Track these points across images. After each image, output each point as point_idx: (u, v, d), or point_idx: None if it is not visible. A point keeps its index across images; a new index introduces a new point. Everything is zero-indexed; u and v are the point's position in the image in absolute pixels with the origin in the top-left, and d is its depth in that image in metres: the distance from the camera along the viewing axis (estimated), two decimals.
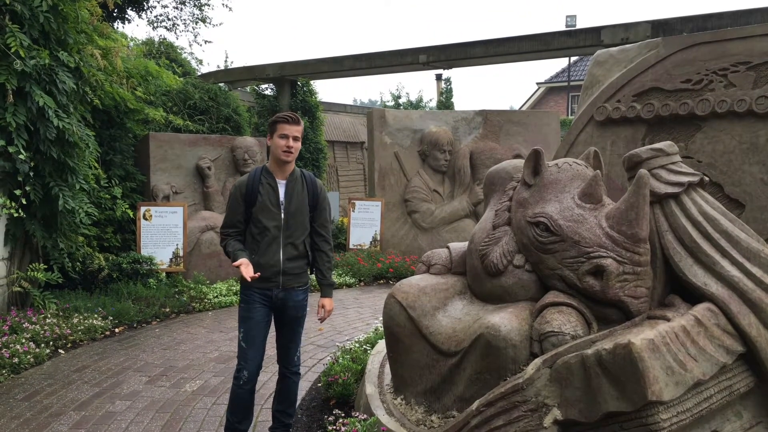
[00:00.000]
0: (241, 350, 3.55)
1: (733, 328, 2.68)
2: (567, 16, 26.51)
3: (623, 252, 2.78)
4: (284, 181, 3.59)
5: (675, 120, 3.83)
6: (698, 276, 2.81)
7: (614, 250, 2.79)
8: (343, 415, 3.79)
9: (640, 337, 2.49)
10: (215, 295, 7.99)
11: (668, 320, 2.71)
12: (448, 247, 3.76)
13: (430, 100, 26.43)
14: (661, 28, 8.70)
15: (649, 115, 3.90)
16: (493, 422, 2.74)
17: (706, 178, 3.05)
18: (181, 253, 8.41)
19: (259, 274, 3.41)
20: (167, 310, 7.35)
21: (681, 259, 2.86)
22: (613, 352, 2.49)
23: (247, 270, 3.37)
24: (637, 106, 3.94)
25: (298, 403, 4.48)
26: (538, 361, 2.73)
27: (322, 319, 3.71)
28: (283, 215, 3.53)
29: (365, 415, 3.49)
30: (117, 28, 12.51)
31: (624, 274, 2.78)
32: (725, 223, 2.84)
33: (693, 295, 2.84)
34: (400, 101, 25.51)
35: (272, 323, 3.68)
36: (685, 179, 2.92)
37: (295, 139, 3.54)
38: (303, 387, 4.85)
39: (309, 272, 3.71)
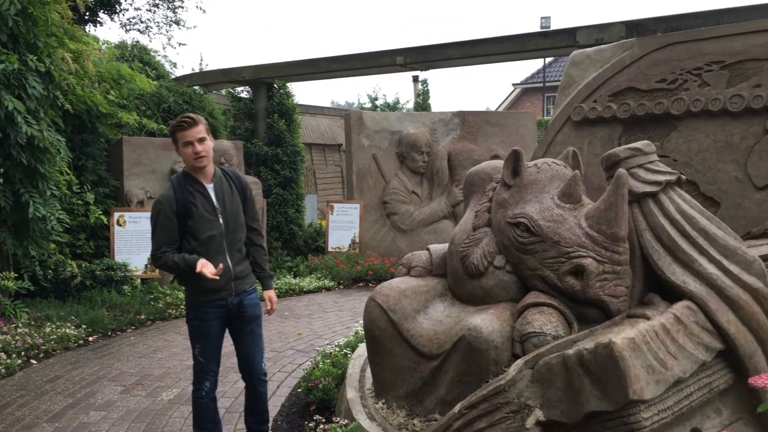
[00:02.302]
0: (200, 365, 3.48)
1: (711, 325, 2.69)
2: (542, 18, 26.75)
3: (603, 251, 2.78)
4: (211, 185, 3.39)
5: (651, 119, 3.86)
6: (677, 274, 2.82)
7: (594, 250, 2.79)
8: (323, 420, 3.75)
9: (621, 336, 2.48)
10: None
11: (648, 319, 2.71)
12: (428, 249, 3.73)
13: (407, 101, 26.38)
14: (635, 28, 8.78)
15: (625, 115, 3.92)
16: (476, 425, 2.72)
17: (683, 177, 3.06)
18: None
19: (221, 265, 3.25)
20: (143, 317, 7.23)
21: (660, 257, 2.87)
22: (595, 351, 2.48)
23: (209, 268, 3.20)
24: (613, 106, 3.96)
25: (278, 409, 4.43)
26: (519, 362, 2.72)
27: (269, 312, 3.64)
28: (222, 221, 3.37)
29: (346, 420, 3.45)
30: (88, 31, 12.30)
31: (604, 274, 2.78)
32: (703, 221, 2.86)
33: (672, 293, 2.84)
34: (377, 103, 25.47)
35: (227, 338, 3.58)
36: (662, 178, 2.93)
37: (200, 141, 3.28)
38: (282, 393, 4.80)
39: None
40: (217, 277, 3.22)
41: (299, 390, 4.71)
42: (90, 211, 7.70)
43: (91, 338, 6.52)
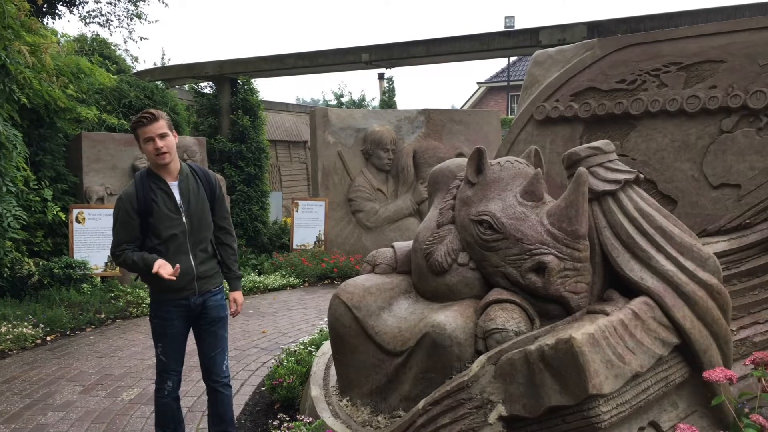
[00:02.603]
0: (162, 364, 3.41)
1: (668, 320, 2.76)
2: (506, 17, 26.99)
3: (564, 248, 2.83)
4: (176, 182, 3.30)
5: (611, 119, 3.94)
6: (635, 270, 2.88)
7: (555, 247, 2.83)
8: (288, 418, 3.73)
9: (581, 331, 2.53)
10: None
11: (607, 314, 2.76)
12: (392, 247, 3.74)
13: (373, 99, 26.48)
14: (596, 29, 8.95)
15: (586, 114, 4.00)
16: (439, 420, 2.74)
17: (641, 176, 3.13)
18: None
19: (178, 266, 3.17)
20: (102, 316, 7.08)
21: (618, 254, 2.93)
22: (555, 347, 2.52)
23: (167, 269, 3.14)
24: (574, 106, 4.03)
25: (241, 408, 4.39)
26: (482, 358, 2.75)
27: (234, 314, 3.58)
28: (185, 219, 3.29)
29: (311, 418, 3.44)
30: (46, 23, 11.98)
31: (565, 270, 2.82)
32: (660, 219, 2.93)
33: (630, 290, 2.91)
34: (343, 100, 25.45)
35: (191, 337, 3.51)
36: (621, 177, 2.99)
37: (162, 136, 3.17)
38: (246, 391, 4.76)
39: (220, 270, 3.54)
40: (174, 278, 3.16)
41: (263, 388, 4.68)
42: (48, 208, 7.52)
43: (49, 338, 6.37)
